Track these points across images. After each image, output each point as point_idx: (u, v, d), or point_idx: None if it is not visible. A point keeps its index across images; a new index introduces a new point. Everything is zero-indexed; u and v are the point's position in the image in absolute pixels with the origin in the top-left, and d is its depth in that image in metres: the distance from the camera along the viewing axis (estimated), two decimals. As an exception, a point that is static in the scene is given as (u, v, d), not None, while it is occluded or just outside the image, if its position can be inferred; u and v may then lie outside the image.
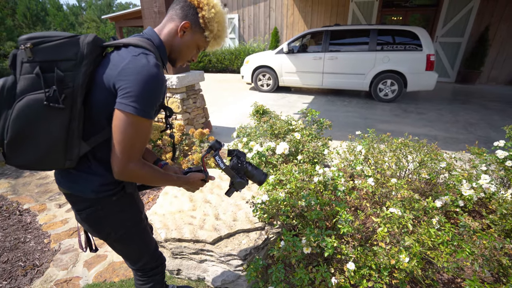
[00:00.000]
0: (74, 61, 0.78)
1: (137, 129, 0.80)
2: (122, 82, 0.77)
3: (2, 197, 2.70)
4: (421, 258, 1.31)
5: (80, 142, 0.85)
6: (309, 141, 2.28)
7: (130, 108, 0.76)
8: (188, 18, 0.92)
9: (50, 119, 0.77)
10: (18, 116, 0.74)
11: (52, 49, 0.77)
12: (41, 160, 0.81)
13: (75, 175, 0.91)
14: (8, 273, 1.78)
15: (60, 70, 0.77)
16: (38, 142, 0.78)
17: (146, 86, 0.77)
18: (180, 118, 3.45)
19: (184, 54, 0.99)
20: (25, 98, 0.74)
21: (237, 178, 1.13)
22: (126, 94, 0.77)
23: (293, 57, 6.51)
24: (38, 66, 0.75)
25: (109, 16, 11.69)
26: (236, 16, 10.59)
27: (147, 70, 0.78)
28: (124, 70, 0.78)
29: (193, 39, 0.96)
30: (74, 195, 0.93)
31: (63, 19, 22.76)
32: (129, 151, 0.81)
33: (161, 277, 1.25)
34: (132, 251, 1.12)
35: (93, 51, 0.82)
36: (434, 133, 4.15)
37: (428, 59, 5.44)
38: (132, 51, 0.82)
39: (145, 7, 3.32)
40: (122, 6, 36.66)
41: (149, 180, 0.91)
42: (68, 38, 0.79)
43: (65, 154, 0.83)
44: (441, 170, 1.98)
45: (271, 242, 1.77)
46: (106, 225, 0.99)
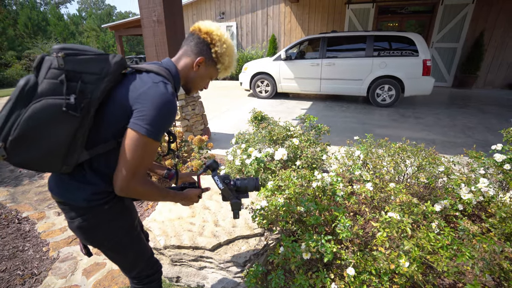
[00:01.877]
0: (98, 75, 0.84)
1: (146, 149, 0.85)
2: (139, 105, 0.84)
3: (1, 205, 2.69)
4: (421, 262, 1.30)
5: (82, 150, 0.88)
6: (307, 146, 2.29)
7: (144, 130, 0.82)
8: (203, 54, 1.01)
9: (61, 124, 0.80)
10: (30, 117, 0.76)
11: (82, 62, 0.82)
12: (39, 161, 0.84)
13: (68, 183, 0.93)
14: (6, 282, 1.77)
15: (84, 81, 0.82)
16: (41, 144, 0.80)
17: (161, 112, 0.84)
18: (179, 125, 3.47)
19: (198, 85, 1.09)
20: (43, 101, 0.77)
21: (233, 199, 1.18)
22: (142, 117, 0.83)
23: (291, 63, 6.58)
24: (65, 74, 0.79)
25: (109, 25, 11.82)
26: (234, 24, 10.72)
27: (165, 98, 0.85)
28: (143, 94, 0.85)
29: (207, 72, 1.06)
30: (66, 203, 0.94)
31: (64, 28, 22.99)
32: (134, 169, 0.85)
33: (158, 284, 1.25)
34: (126, 259, 1.13)
35: (116, 70, 0.88)
36: (432, 137, 4.17)
37: (425, 64, 5.51)
38: (154, 78, 0.90)
39: (144, 17, 3.37)
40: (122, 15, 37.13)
41: (148, 197, 0.96)
42: (98, 55, 0.85)
43: (64, 159, 0.85)
44: (440, 174, 1.98)
45: (270, 248, 1.76)
46: (99, 234, 1.00)
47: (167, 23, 3.18)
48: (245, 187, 1.21)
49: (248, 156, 2.14)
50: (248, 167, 2.06)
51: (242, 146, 2.31)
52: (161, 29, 3.22)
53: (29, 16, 20.71)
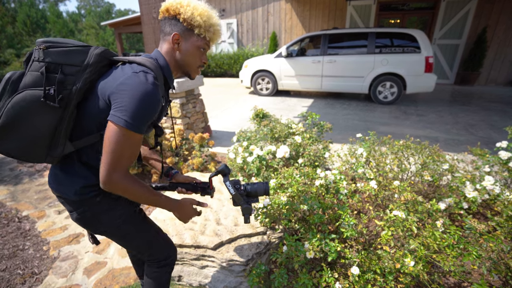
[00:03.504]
0: (78, 67, 0.85)
1: (126, 142, 0.82)
2: (117, 96, 0.82)
3: (1, 203, 2.67)
4: (426, 261, 1.28)
5: (65, 142, 0.89)
6: (309, 144, 2.27)
7: (122, 122, 0.80)
8: (175, 30, 0.95)
9: (42, 115, 0.83)
10: (12, 106, 0.80)
11: (61, 54, 0.84)
12: (22, 151, 0.86)
13: (61, 177, 0.95)
14: (7, 281, 1.75)
15: (64, 73, 0.84)
16: (23, 134, 0.83)
17: (140, 102, 0.81)
18: (180, 122, 3.44)
19: (191, 62, 1.01)
20: (24, 92, 0.81)
21: (244, 204, 1.18)
22: (120, 108, 0.80)
23: (292, 60, 6.53)
24: (45, 66, 0.82)
25: (108, 23, 11.77)
26: (234, 21, 10.65)
27: (143, 88, 0.81)
28: (121, 85, 0.82)
29: (190, 44, 0.98)
30: (62, 197, 0.97)
31: (63, 26, 22.90)
32: (115, 162, 0.83)
33: (170, 269, 1.25)
34: (131, 246, 1.15)
35: (99, 62, 0.88)
36: (434, 135, 4.14)
37: (427, 61, 5.46)
38: (135, 68, 0.86)
39: (144, 13, 3.34)
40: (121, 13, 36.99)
41: (133, 196, 0.90)
42: (79, 47, 0.86)
43: (48, 150, 0.88)
44: (444, 172, 1.96)
45: (273, 247, 1.74)
46: (98, 224, 1.01)
47: (167, 20, 3.14)
48: (255, 192, 1.21)
49: (250, 154, 2.11)
50: (250, 165, 2.04)
51: (244, 144, 2.28)
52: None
53: (27, 13, 20.62)
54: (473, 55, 7.83)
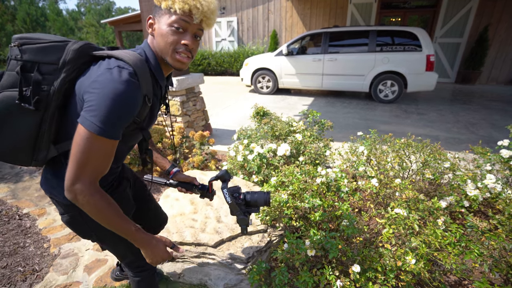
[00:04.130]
0: (56, 65, 0.78)
1: (93, 147, 0.72)
2: (88, 95, 0.73)
3: (1, 201, 2.67)
4: (428, 259, 1.28)
5: (49, 145, 0.84)
6: (310, 142, 2.26)
7: (89, 124, 0.70)
8: (152, 14, 0.88)
9: (20, 118, 0.77)
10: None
11: (37, 51, 0.77)
12: (7, 154, 0.82)
13: (51, 181, 0.92)
14: (7, 278, 1.75)
15: (41, 72, 0.77)
16: (4, 138, 0.79)
17: (110, 103, 0.70)
18: (180, 120, 3.43)
19: (163, 45, 0.85)
20: (1, 94, 0.76)
21: (240, 215, 1.14)
22: (89, 108, 0.71)
23: (292, 59, 6.51)
24: (21, 65, 0.76)
25: (108, 21, 11.74)
26: (235, 19, 10.62)
27: (113, 86, 0.71)
28: (94, 82, 0.73)
29: (162, 24, 0.83)
30: (54, 199, 0.94)
31: (63, 24, 22.86)
32: (79, 169, 0.73)
33: (149, 274, 1.25)
34: (115, 251, 1.14)
35: (78, 59, 0.80)
36: (435, 134, 4.13)
37: (428, 60, 5.44)
38: (110, 63, 0.76)
39: (144, 10, 3.32)
40: (121, 11, 36.90)
41: (97, 215, 0.79)
42: (55, 43, 0.79)
43: (31, 155, 0.83)
44: (445, 170, 1.95)
45: (273, 245, 1.74)
46: (86, 229, 0.99)
47: (167, 17, 3.13)
48: (255, 201, 1.16)
49: (250, 152, 2.11)
50: (250, 163, 2.04)
51: (244, 142, 2.28)
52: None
53: (27, 11, 20.59)
54: (475, 53, 7.81)
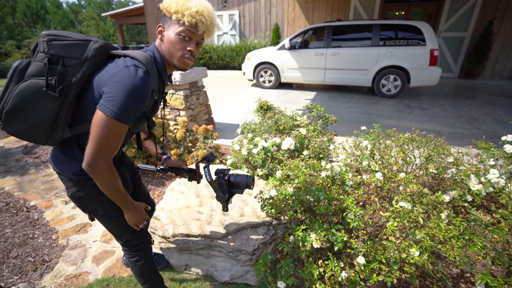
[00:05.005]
0: (78, 60, 0.91)
1: (111, 130, 0.87)
2: (108, 87, 0.87)
3: (9, 194, 2.71)
4: (431, 252, 1.31)
5: (64, 128, 0.98)
6: (314, 136, 2.27)
7: (109, 111, 0.85)
8: (161, 22, 1.02)
9: (44, 103, 0.90)
10: (18, 93, 0.88)
11: (63, 47, 0.90)
12: (27, 133, 0.96)
13: (61, 158, 1.05)
14: (19, 268, 1.80)
15: (65, 65, 0.90)
16: (27, 118, 0.92)
17: (127, 94, 0.85)
18: (183, 114, 3.45)
19: (172, 51, 1.00)
20: (29, 80, 0.88)
21: (219, 192, 1.24)
22: (109, 98, 0.86)
23: (295, 53, 6.48)
24: (48, 57, 0.88)
25: (109, 14, 11.65)
26: (236, 12, 10.53)
27: (132, 81, 0.86)
28: (112, 77, 0.88)
29: (171, 32, 0.98)
30: (61, 174, 1.06)
31: (63, 17, 22.69)
32: (101, 149, 0.89)
33: (145, 252, 1.34)
34: (113, 228, 1.24)
35: (97, 56, 0.94)
36: (438, 129, 4.14)
37: (432, 54, 5.41)
38: (127, 61, 0.91)
39: (147, 3, 3.30)
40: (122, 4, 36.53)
41: (106, 185, 0.97)
42: (79, 41, 0.92)
43: (48, 134, 0.96)
44: (449, 165, 1.97)
45: (279, 237, 1.77)
46: (88, 204, 1.11)
47: (171, 11, 3.11)
48: (237, 183, 1.26)
49: (254, 145, 2.12)
50: (255, 157, 2.05)
51: (249, 136, 2.29)
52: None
53: (27, 4, 20.40)
54: (479, 48, 7.73)
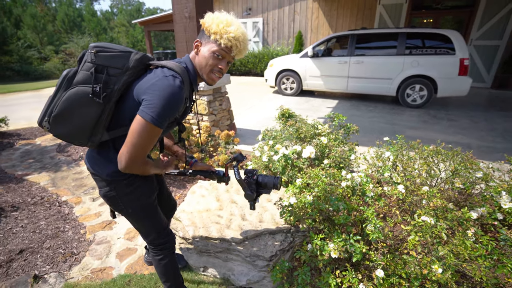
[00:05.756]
0: (120, 70, 1.00)
1: (149, 134, 0.96)
2: (148, 95, 0.96)
3: (43, 189, 2.92)
4: (455, 270, 1.26)
5: (103, 131, 1.06)
6: (335, 145, 2.26)
7: (149, 117, 0.93)
8: (199, 37, 1.12)
9: (88, 108, 0.99)
10: (66, 99, 0.97)
11: (108, 58, 0.99)
12: (70, 136, 1.04)
13: (97, 159, 1.13)
14: (51, 258, 1.93)
15: (108, 74, 0.99)
16: (73, 122, 1.01)
17: (166, 102, 0.94)
18: (206, 119, 3.55)
19: (203, 65, 1.11)
20: (76, 87, 0.98)
21: (247, 191, 1.28)
22: (149, 105, 0.94)
23: (317, 61, 6.47)
24: (94, 67, 0.98)
25: (138, 21, 12.25)
26: (260, 20, 10.70)
27: (171, 90, 0.96)
28: (152, 85, 0.97)
29: (206, 49, 1.09)
30: (96, 175, 1.15)
31: (97, 24, 24.11)
32: (137, 150, 0.98)
33: (170, 251, 1.40)
34: (140, 227, 1.32)
35: (137, 66, 1.03)
36: (466, 141, 3.95)
37: (462, 64, 5.19)
38: (166, 72, 1.01)
39: (176, 12, 3.46)
40: (150, 11, 38.21)
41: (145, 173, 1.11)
42: (122, 52, 1.01)
43: (89, 136, 1.04)
44: (477, 180, 1.88)
45: (296, 245, 1.77)
46: (119, 203, 1.19)
47: (198, 19, 3.24)
48: (265, 183, 1.29)
49: (275, 152, 2.15)
50: (275, 163, 2.08)
51: (270, 142, 2.32)
52: (192, 25, 3.30)
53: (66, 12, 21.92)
54: (515, 57, 7.31)
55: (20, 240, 2.09)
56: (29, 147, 4.13)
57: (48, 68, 14.36)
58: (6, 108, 6.48)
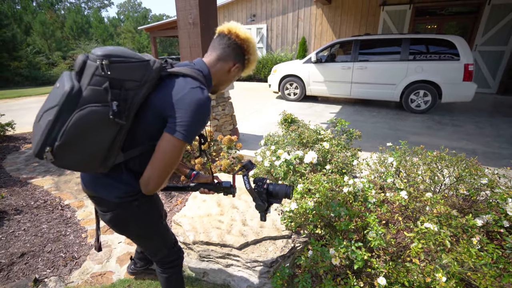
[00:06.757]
0: (138, 82, 0.84)
1: (179, 152, 0.88)
2: (177, 111, 0.85)
3: (47, 192, 2.94)
4: (460, 279, 1.23)
5: (118, 153, 0.91)
6: (338, 151, 2.25)
7: (181, 135, 0.85)
8: (238, 60, 1.05)
9: (105, 131, 0.82)
10: (77, 123, 0.77)
11: (125, 69, 0.82)
12: (80, 165, 0.88)
13: (104, 181, 0.98)
14: (52, 262, 1.93)
15: (126, 89, 0.83)
16: (85, 149, 0.83)
17: (197, 117, 0.86)
18: (209, 124, 3.56)
19: (225, 86, 1.13)
20: (87, 109, 0.77)
21: (258, 201, 1.18)
22: (180, 122, 0.85)
23: (321, 66, 6.48)
24: (108, 81, 0.79)
25: (144, 27, 12.44)
26: (264, 26, 10.79)
27: (202, 104, 0.87)
28: (181, 100, 0.86)
29: (236, 75, 1.10)
30: (100, 198, 1.00)
31: (104, 30, 24.57)
32: (167, 171, 0.89)
33: (178, 269, 1.34)
34: (149, 247, 1.23)
35: (155, 77, 0.89)
36: (471, 147, 3.90)
37: (466, 69, 5.16)
38: (191, 83, 0.90)
39: (180, 19, 3.51)
40: (156, 18, 38.85)
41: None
42: (140, 62, 0.85)
43: (102, 161, 0.88)
44: (482, 187, 1.85)
45: (297, 251, 1.75)
46: (128, 226, 1.09)
47: (202, 26, 3.28)
48: (276, 193, 1.19)
49: (277, 158, 2.14)
50: (277, 169, 2.07)
51: (272, 147, 2.32)
52: (196, 31, 3.34)
53: (74, 19, 22.42)
54: (521, 63, 7.24)
55: (22, 244, 2.10)
56: (34, 151, 4.17)
57: (55, 74, 14.62)
58: (14, 112, 6.59)
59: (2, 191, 2.89)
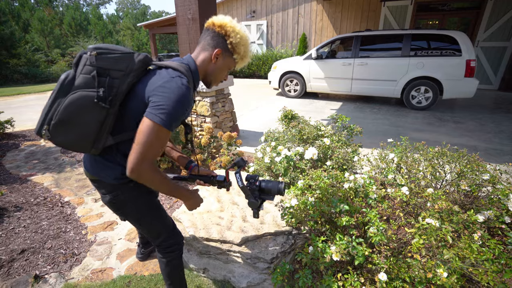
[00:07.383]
0: (123, 72, 0.96)
1: (157, 136, 0.92)
2: (156, 97, 0.92)
3: (47, 189, 2.93)
4: (461, 274, 1.22)
5: (108, 136, 1.01)
6: (338, 147, 2.24)
7: (158, 119, 0.90)
8: (219, 46, 1.08)
9: (92, 113, 0.94)
10: (68, 105, 0.92)
11: (110, 60, 0.94)
12: (73, 143, 0.99)
13: (102, 164, 1.08)
14: (52, 259, 1.93)
15: (111, 77, 0.95)
16: (75, 129, 0.95)
17: (175, 103, 0.92)
18: (209, 121, 3.54)
19: (218, 77, 1.16)
20: (78, 92, 0.92)
21: (251, 198, 1.21)
22: (157, 107, 0.91)
23: (321, 63, 6.45)
24: (96, 70, 0.92)
25: (143, 24, 12.39)
26: (264, 22, 10.73)
27: (179, 91, 0.93)
28: (160, 87, 0.94)
29: (224, 63, 1.11)
30: (99, 181, 1.10)
31: (103, 27, 24.41)
32: (145, 153, 0.92)
33: (177, 254, 1.37)
34: (149, 230, 1.28)
35: (140, 67, 0.99)
36: (473, 144, 3.88)
37: (468, 65, 5.12)
38: (171, 73, 0.98)
39: (179, 14, 3.48)
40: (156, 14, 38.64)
41: (156, 185, 1.01)
42: (125, 54, 0.97)
43: (93, 143, 0.99)
44: (484, 183, 1.84)
45: (298, 247, 1.75)
46: (126, 208, 1.16)
47: (201, 21, 3.26)
48: (269, 189, 1.22)
49: (277, 154, 2.13)
50: (277, 165, 2.06)
51: (272, 144, 2.30)
52: (195, 27, 3.31)
53: (73, 16, 22.25)
54: (522, 59, 7.20)
55: (22, 240, 2.10)
56: (34, 148, 4.17)
57: (54, 71, 14.56)
58: (13, 110, 6.57)
59: (2, 188, 2.88)
